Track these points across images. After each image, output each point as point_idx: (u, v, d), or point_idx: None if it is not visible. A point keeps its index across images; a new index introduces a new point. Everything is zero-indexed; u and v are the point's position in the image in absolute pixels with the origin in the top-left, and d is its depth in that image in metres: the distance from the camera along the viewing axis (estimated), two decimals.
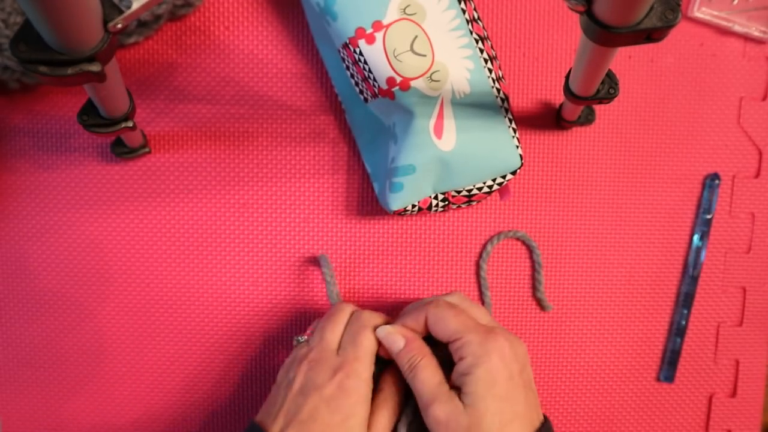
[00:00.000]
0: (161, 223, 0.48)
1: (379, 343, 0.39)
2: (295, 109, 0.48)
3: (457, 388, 0.35)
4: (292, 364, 0.38)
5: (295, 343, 0.41)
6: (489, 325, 0.38)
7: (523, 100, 0.48)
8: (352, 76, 0.44)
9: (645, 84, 0.49)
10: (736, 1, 0.48)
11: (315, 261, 0.49)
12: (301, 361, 0.38)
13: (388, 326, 0.38)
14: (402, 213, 0.45)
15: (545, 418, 0.37)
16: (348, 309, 0.41)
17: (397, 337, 0.38)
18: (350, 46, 0.41)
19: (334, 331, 0.39)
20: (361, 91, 0.45)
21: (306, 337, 0.41)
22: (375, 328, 0.39)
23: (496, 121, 0.44)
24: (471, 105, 0.43)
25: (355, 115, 0.47)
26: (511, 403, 0.34)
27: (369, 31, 0.41)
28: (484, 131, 0.43)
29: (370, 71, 0.42)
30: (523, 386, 0.35)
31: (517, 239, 0.49)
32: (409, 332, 0.38)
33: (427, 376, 0.36)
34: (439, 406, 0.35)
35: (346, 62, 0.44)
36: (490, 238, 0.49)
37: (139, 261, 0.48)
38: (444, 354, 0.38)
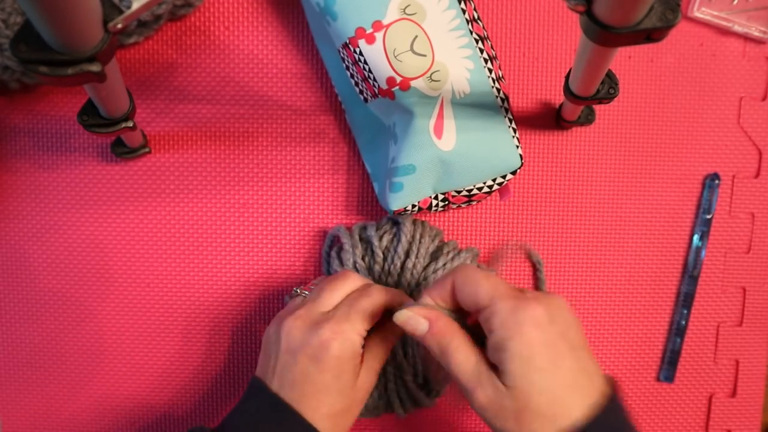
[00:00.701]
0: (161, 223, 0.48)
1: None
2: (295, 109, 0.48)
3: (494, 366, 0.32)
4: (283, 317, 0.37)
5: (292, 293, 0.40)
6: (518, 289, 0.34)
7: (523, 100, 0.48)
8: (352, 76, 0.44)
9: (645, 84, 0.49)
10: (736, 1, 0.48)
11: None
12: (290, 315, 0.36)
13: (406, 310, 0.34)
14: (402, 213, 0.45)
15: (610, 380, 0.32)
16: (357, 280, 0.38)
17: (419, 320, 0.33)
18: (350, 46, 0.41)
19: (332, 294, 0.37)
20: (361, 91, 0.45)
21: (305, 291, 0.40)
22: (386, 307, 0.37)
23: (496, 121, 0.44)
24: (471, 105, 0.43)
25: (355, 115, 0.47)
26: (558, 374, 0.30)
27: (369, 31, 0.41)
28: (484, 131, 0.43)
29: (370, 71, 0.42)
30: (570, 351, 0.31)
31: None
32: (432, 311, 0.34)
33: (461, 359, 0.32)
34: (482, 392, 0.31)
35: (346, 62, 0.44)
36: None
37: (139, 261, 0.48)
38: (475, 324, 0.35)
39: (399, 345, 0.43)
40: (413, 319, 0.34)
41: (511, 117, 0.44)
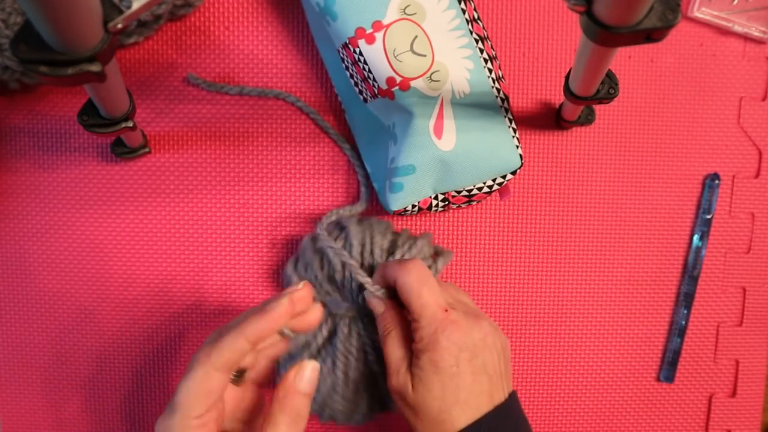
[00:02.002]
0: (161, 223, 0.48)
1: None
2: (295, 109, 0.48)
3: (413, 361, 0.37)
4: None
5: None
6: (451, 304, 0.38)
7: (523, 100, 0.48)
8: (352, 76, 0.44)
9: (645, 84, 0.49)
10: (736, 1, 0.48)
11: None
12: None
13: (375, 291, 0.40)
14: (402, 213, 0.45)
15: (506, 399, 0.37)
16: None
17: (380, 303, 0.40)
18: (350, 46, 0.41)
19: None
20: (361, 92, 0.45)
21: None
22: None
23: (496, 121, 0.44)
24: (471, 105, 0.43)
25: (355, 115, 0.47)
26: (453, 390, 0.35)
27: (369, 31, 0.41)
28: (484, 131, 0.43)
29: (369, 71, 0.42)
30: (471, 374, 0.36)
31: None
32: (389, 301, 0.40)
33: (392, 348, 0.38)
34: (395, 380, 0.37)
35: (345, 62, 0.44)
36: None
37: (139, 261, 0.48)
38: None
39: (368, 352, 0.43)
40: (374, 300, 0.40)
41: (511, 117, 0.44)
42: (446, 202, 0.45)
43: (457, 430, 0.35)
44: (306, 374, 0.34)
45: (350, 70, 0.44)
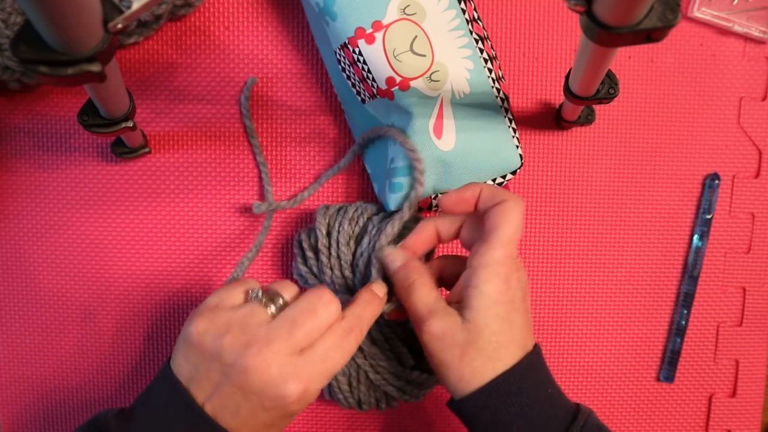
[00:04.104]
0: (161, 223, 0.48)
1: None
2: (295, 109, 0.48)
3: (456, 303, 0.36)
4: (255, 340, 0.33)
5: (250, 294, 0.35)
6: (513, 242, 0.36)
7: (523, 100, 0.48)
8: (349, 77, 0.44)
9: (645, 84, 0.49)
10: (736, 1, 0.48)
11: None
12: (265, 342, 0.32)
13: (390, 246, 0.38)
14: None
15: (536, 345, 0.37)
16: (334, 309, 0.34)
17: (397, 255, 0.38)
18: (349, 46, 0.41)
19: (314, 327, 0.33)
20: (359, 92, 0.45)
21: (262, 295, 0.35)
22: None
23: (496, 121, 0.44)
24: (471, 105, 0.43)
25: (354, 115, 0.47)
26: (509, 326, 0.34)
27: (369, 31, 0.41)
28: (483, 131, 0.43)
29: (369, 71, 0.42)
30: (524, 312, 0.35)
31: None
32: (409, 253, 0.38)
33: (423, 293, 0.36)
34: (436, 321, 0.34)
35: (342, 64, 0.44)
36: None
37: (139, 261, 0.48)
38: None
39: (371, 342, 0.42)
40: (392, 254, 0.38)
41: (511, 117, 0.44)
42: None
43: (509, 366, 0.34)
44: (381, 287, 0.38)
45: (347, 72, 0.44)
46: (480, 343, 0.33)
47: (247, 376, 0.31)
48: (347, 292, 0.42)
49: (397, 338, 0.42)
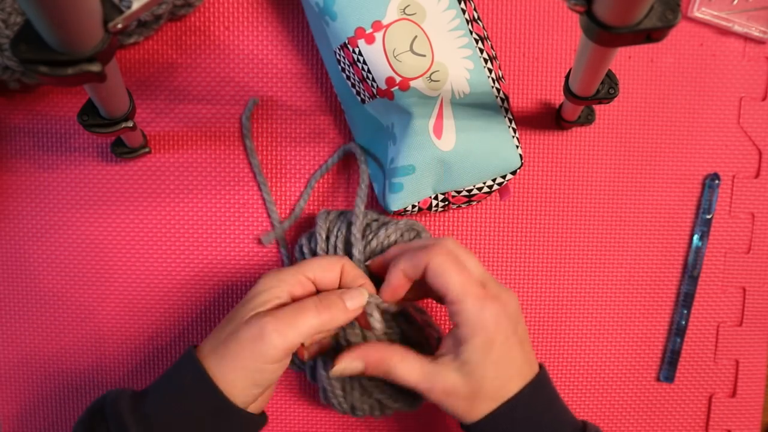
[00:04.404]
0: (161, 223, 0.48)
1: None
2: (295, 109, 0.48)
3: (449, 353, 0.36)
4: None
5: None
6: (482, 279, 0.37)
7: (523, 100, 0.48)
8: (349, 77, 0.44)
9: (645, 84, 0.49)
10: (736, 1, 0.48)
11: None
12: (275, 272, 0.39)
13: (338, 365, 0.38)
14: (402, 213, 0.45)
15: (540, 367, 0.38)
16: (349, 269, 0.39)
17: (354, 364, 0.38)
18: (349, 46, 0.41)
19: (325, 273, 0.38)
20: (358, 92, 0.45)
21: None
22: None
23: (496, 121, 0.44)
24: (471, 105, 0.43)
25: (354, 115, 0.47)
26: (507, 365, 0.36)
27: (369, 31, 0.41)
28: (483, 131, 0.43)
29: (369, 71, 0.42)
30: (518, 344, 0.36)
31: None
32: (361, 348, 0.38)
33: (407, 371, 0.36)
34: (437, 387, 0.36)
35: (342, 64, 0.44)
36: None
37: (139, 261, 0.48)
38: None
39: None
40: (349, 367, 0.38)
41: (511, 117, 0.44)
42: (446, 202, 0.45)
43: (512, 397, 0.35)
44: (354, 294, 0.37)
45: (347, 72, 0.44)
46: (483, 390, 0.35)
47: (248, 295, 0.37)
48: None
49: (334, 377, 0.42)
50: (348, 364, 0.37)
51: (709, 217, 0.49)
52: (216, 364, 0.34)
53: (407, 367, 0.37)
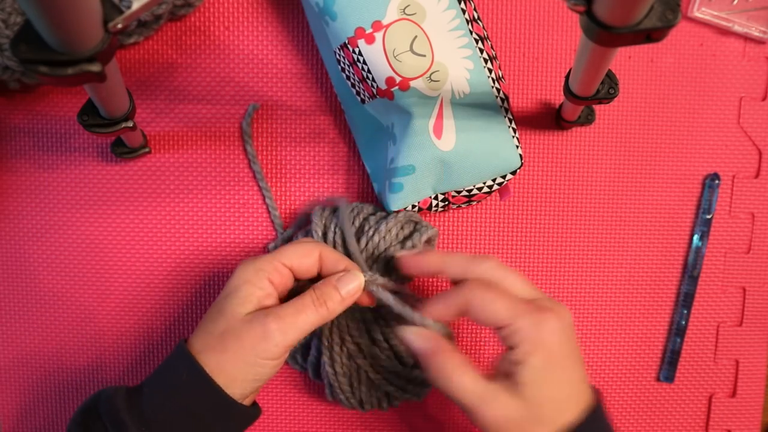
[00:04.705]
0: (161, 223, 0.48)
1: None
2: (295, 109, 0.48)
3: (504, 375, 0.34)
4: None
5: None
6: (532, 297, 0.35)
7: (523, 100, 0.48)
8: (348, 77, 0.44)
9: (645, 84, 0.49)
10: (736, 1, 0.48)
11: None
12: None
13: (409, 329, 0.36)
14: None
15: (594, 389, 0.36)
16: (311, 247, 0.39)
17: (421, 339, 0.35)
18: (349, 46, 0.41)
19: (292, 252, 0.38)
20: (358, 93, 0.45)
21: None
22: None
23: (496, 121, 0.44)
24: (471, 105, 0.43)
25: (354, 115, 0.47)
26: (566, 387, 0.33)
27: (369, 31, 0.41)
28: (483, 131, 0.43)
29: (369, 71, 0.42)
30: (574, 363, 0.34)
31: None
32: (432, 333, 0.36)
33: (462, 380, 0.33)
34: (490, 409, 0.33)
35: (342, 64, 0.44)
36: None
37: (139, 261, 0.48)
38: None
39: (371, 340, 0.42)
40: (416, 339, 0.36)
41: (511, 117, 0.44)
42: (446, 202, 0.45)
43: (569, 424, 0.32)
44: (345, 276, 0.37)
45: (347, 72, 0.44)
46: (539, 414, 0.32)
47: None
48: None
49: (397, 337, 0.42)
50: (418, 337, 0.36)
51: (709, 217, 0.49)
52: (214, 361, 0.34)
53: (464, 377, 0.34)
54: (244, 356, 0.34)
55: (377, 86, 0.42)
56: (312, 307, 0.36)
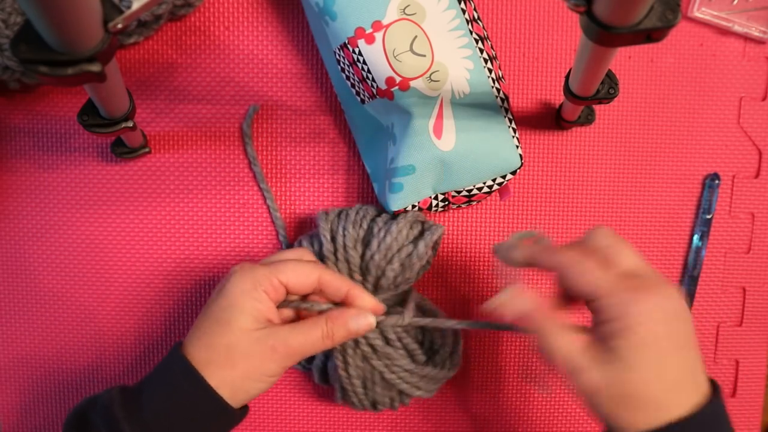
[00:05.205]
0: (161, 223, 0.48)
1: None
2: (295, 109, 0.48)
3: (602, 350, 0.32)
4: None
5: None
6: (635, 270, 0.33)
7: (523, 100, 0.48)
8: (348, 78, 0.44)
9: (645, 84, 0.49)
10: (736, 1, 0.48)
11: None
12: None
13: (509, 290, 0.35)
14: (402, 213, 0.45)
15: (714, 383, 0.33)
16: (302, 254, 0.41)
17: (525, 300, 0.34)
18: (349, 46, 0.41)
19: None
20: (358, 93, 0.45)
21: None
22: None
23: (496, 121, 0.44)
24: (471, 105, 0.43)
25: (354, 115, 0.47)
26: (669, 370, 0.31)
27: (369, 31, 0.41)
28: (483, 131, 0.43)
29: (369, 71, 0.42)
30: (684, 347, 0.31)
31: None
32: (535, 294, 0.34)
33: (566, 341, 0.32)
34: (590, 375, 0.31)
35: (342, 64, 0.44)
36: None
37: (139, 261, 0.48)
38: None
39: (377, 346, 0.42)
40: (519, 299, 0.34)
41: (511, 117, 0.44)
42: (446, 202, 0.45)
43: (679, 418, 0.30)
44: (360, 320, 0.38)
45: (347, 72, 0.44)
46: (639, 393, 0.30)
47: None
48: None
49: (409, 336, 0.43)
50: (520, 297, 0.34)
51: (709, 217, 0.49)
52: (220, 376, 0.35)
53: (568, 339, 0.32)
54: (251, 374, 0.35)
55: (377, 86, 0.42)
56: (321, 340, 0.37)
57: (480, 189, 0.44)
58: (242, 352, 0.35)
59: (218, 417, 0.35)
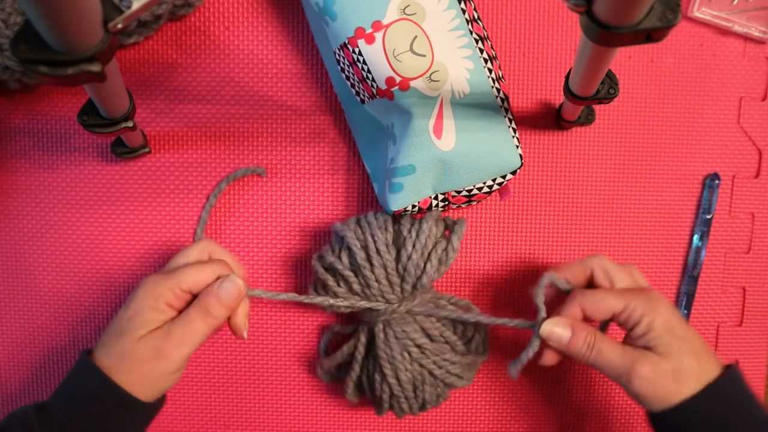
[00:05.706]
0: (161, 223, 0.48)
1: None
2: (295, 109, 0.48)
3: (637, 347, 0.38)
4: None
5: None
6: (632, 285, 0.41)
7: (523, 100, 0.48)
8: (348, 78, 0.44)
9: (645, 84, 0.49)
10: (736, 1, 0.48)
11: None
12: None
13: (549, 322, 0.39)
14: (402, 213, 0.45)
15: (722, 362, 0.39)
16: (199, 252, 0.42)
17: (564, 331, 0.39)
18: (349, 46, 0.41)
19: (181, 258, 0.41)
20: (358, 93, 0.45)
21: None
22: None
23: (496, 121, 0.44)
24: (471, 105, 0.43)
25: (354, 115, 0.47)
26: (692, 342, 0.38)
27: (369, 31, 0.41)
28: (483, 131, 0.43)
29: (368, 71, 0.42)
30: (693, 332, 0.38)
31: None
32: (570, 320, 0.40)
33: (610, 350, 0.38)
34: (640, 367, 0.37)
35: (342, 64, 0.44)
36: None
37: (139, 261, 0.48)
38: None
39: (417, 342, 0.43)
40: (557, 331, 0.39)
41: (511, 117, 0.44)
42: (446, 202, 0.45)
43: (716, 379, 0.37)
44: (225, 284, 0.39)
45: (347, 72, 0.44)
46: (684, 365, 0.37)
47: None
48: (398, 301, 0.43)
49: (447, 329, 0.44)
50: (559, 329, 0.39)
51: (709, 217, 0.49)
52: (124, 380, 0.37)
53: (610, 346, 0.38)
54: (147, 375, 0.37)
55: (377, 86, 0.42)
56: (199, 319, 0.38)
57: (480, 189, 0.44)
58: (135, 358, 0.37)
59: (131, 412, 0.37)
